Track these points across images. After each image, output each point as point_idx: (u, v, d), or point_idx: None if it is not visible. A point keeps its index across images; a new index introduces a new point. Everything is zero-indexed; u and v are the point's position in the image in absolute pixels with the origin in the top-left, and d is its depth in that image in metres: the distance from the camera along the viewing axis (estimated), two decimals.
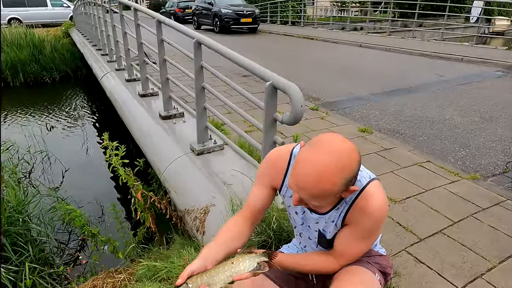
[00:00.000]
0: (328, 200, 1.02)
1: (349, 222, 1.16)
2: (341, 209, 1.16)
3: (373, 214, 1.10)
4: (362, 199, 1.11)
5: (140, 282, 2.08)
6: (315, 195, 0.98)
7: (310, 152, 0.97)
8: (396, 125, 4.36)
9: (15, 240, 2.90)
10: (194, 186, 2.65)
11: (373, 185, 1.13)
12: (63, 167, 5.16)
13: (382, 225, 1.16)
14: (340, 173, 0.94)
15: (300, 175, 0.97)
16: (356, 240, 1.17)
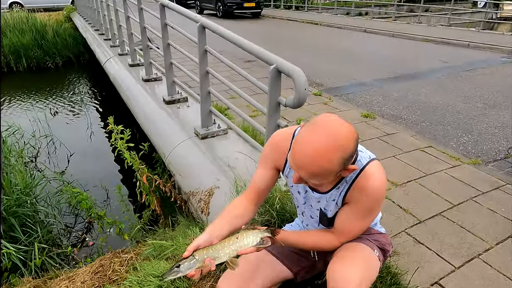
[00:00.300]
0: (328, 179, 1.05)
1: (349, 201, 1.20)
2: (342, 188, 1.20)
3: (372, 193, 1.14)
4: (362, 179, 1.15)
5: (148, 261, 2.15)
6: (313, 174, 1.01)
7: (308, 132, 1.00)
8: (399, 110, 4.37)
9: (23, 221, 2.98)
10: (199, 169, 2.70)
11: (373, 165, 1.17)
12: (68, 151, 5.22)
13: (381, 204, 1.19)
14: (337, 152, 0.97)
15: (298, 155, 1.00)
16: (355, 218, 1.21)
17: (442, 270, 1.82)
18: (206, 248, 1.08)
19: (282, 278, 1.44)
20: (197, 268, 1.04)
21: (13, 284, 2.53)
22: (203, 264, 1.05)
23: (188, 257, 1.05)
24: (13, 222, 2.82)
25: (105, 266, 2.51)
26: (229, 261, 1.07)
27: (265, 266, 1.41)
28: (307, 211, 1.37)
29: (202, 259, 1.05)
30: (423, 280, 1.75)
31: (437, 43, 8.97)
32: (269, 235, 1.14)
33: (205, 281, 1.73)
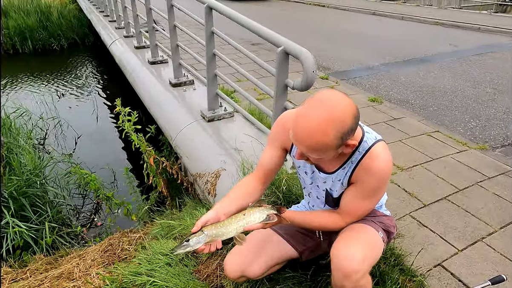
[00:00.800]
0: (327, 154, 1.04)
1: (355, 181, 1.21)
2: (347, 169, 1.21)
3: (378, 173, 1.15)
4: (368, 159, 1.16)
5: (156, 240, 2.20)
6: (311, 148, 1.02)
7: (306, 107, 1.02)
8: (406, 95, 4.32)
9: (34, 201, 3.05)
10: (205, 151, 2.72)
11: (379, 145, 1.18)
12: (76, 133, 5.26)
13: (386, 184, 1.20)
14: (332, 125, 0.97)
15: (296, 129, 1.02)
16: (361, 198, 1.22)
17: (446, 253, 1.85)
18: (215, 224, 1.11)
19: (288, 257, 1.47)
20: (205, 242, 1.08)
21: (25, 261, 2.62)
22: (211, 239, 1.08)
23: (196, 232, 1.08)
24: (24, 202, 2.89)
25: (114, 245, 2.58)
26: (237, 237, 1.11)
27: (271, 244, 1.44)
28: (314, 191, 1.38)
29: (211, 234, 1.08)
30: (426, 261, 1.77)
31: (447, 26, 8.77)
32: (275, 212, 1.18)
33: (213, 260, 1.77)
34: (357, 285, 1.11)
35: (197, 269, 1.76)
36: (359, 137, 1.18)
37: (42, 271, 2.44)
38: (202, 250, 1.09)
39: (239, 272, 1.38)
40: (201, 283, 1.62)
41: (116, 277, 1.81)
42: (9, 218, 2.65)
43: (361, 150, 1.18)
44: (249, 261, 1.38)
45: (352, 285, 1.11)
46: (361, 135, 1.19)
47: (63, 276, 2.26)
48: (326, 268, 1.62)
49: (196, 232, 1.08)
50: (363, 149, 1.18)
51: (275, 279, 1.55)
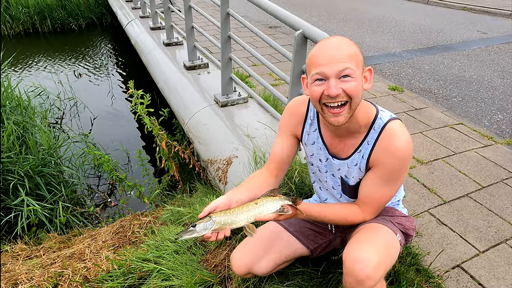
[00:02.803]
0: (358, 70, 1.01)
1: (373, 164, 1.13)
2: (364, 151, 1.14)
3: (397, 151, 1.07)
4: (385, 138, 1.09)
5: (165, 225, 2.19)
6: (345, 56, 0.99)
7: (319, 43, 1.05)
8: (429, 84, 4.13)
9: (48, 181, 3.08)
10: (218, 137, 2.67)
11: (395, 123, 1.10)
12: (92, 114, 5.29)
13: (407, 167, 1.11)
14: (346, 40, 1.03)
15: (322, 54, 1.01)
16: (381, 183, 1.14)
17: (466, 254, 1.75)
18: (224, 211, 1.05)
19: (298, 255, 1.41)
20: (213, 230, 1.01)
21: (40, 238, 2.67)
22: (220, 226, 1.01)
23: (204, 218, 1.02)
24: (39, 181, 2.92)
25: (125, 227, 2.59)
26: (247, 227, 1.03)
27: (281, 242, 1.38)
28: (329, 181, 1.30)
29: (219, 221, 1.01)
30: (445, 262, 1.69)
31: (475, 11, 8.32)
32: (290, 203, 1.09)
33: (221, 249, 1.74)
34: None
35: (205, 258, 1.73)
36: (372, 113, 1.12)
37: (55, 249, 2.48)
38: (208, 238, 1.03)
39: (246, 269, 1.33)
40: (208, 273, 1.58)
41: (124, 262, 1.80)
42: (24, 197, 2.69)
43: (376, 128, 1.11)
44: (257, 258, 1.33)
45: None
46: (375, 112, 1.12)
47: (74, 256, 2.28)
48: (338, 264, 1.56)
49: (204, 218, 1.02)
50: (378, 127, 1.10)
51: (284, 274, 1.50)
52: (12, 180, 2.77)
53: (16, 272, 2.13)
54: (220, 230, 1.03)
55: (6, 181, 2.79)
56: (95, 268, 1.98)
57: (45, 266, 2.17)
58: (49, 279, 1.91)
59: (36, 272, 2.05)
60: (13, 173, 2.80)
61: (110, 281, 1.72)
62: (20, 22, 9.19)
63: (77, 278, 1.90)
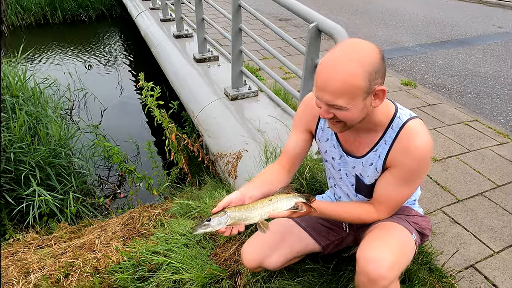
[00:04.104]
0: (356, 102, 0.95)
1: (391, 165, 1.10)
2: (380, 150, 1.10)
3: (416, 152, 1.03)
4: (404, 138, 1.05)
5: (174, 218, 2.19)
6: (337, 92, 0.93)
7: (327, 54, 0.97)
8: (443, 79, 4.04)
9: (59, 171, 3.11)
10: (227, 131, 2.65)
11: (415, 121, 1.06)
12: (102, 105, 5.32)
13: (427, 168, 1.07)
14: (357, 63, 0.91)
15: (320, 73, 0.95)
16: (398, 184, 1.10)
17: (479, 254, 1.72)
18: (239, 206, 1.04)
19: (309, 251, 1.40)
20: (227, 225, 1.01)
21: (51, 228, 2.70)
22: (234, 221, 1.01)
23: (219, 213, 1.02)
24: (49, 172, 2.95)
25: (134, 219, 2.60)
26: (260, 223, 1.03)
27: (292, 237, 1.37)
28: (344, 179, 1.27)
29: (234, 216, 1.01)
30: (458, 262, 1.66)
31: (491, 5, 8.10)
32: (304, 200, 1.08)
33: (231, 244, 1.73)
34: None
35: (215, 252, 1.72)
36: (391, 111, 1.08)
37: (66, 239, 2.50)
38: (222, 233, 1.02)
39: (256, 263, 1.32)
40: (218, 268, 1.58)
41: (134, 254, 1.81)
42: (35, 187, 2.72)
43: (395, 127, 1.07)
44: (268, 252, 1.32)
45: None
46: (393, 110, 1.08)
47: (85, 247, 2.30)
48: (349, 262, 1.54)
49: (219, 213, 1.02)
50: (396, 126, 1.06)
51: (294, 270, 1.49)
52: (23, 171, 2.80)
53: (28, 261, 2.16)
54: (234, 225, 1.02)
55: (18, 171, 2.83)
56: (105, 259, 2.00)
57: (56, 256, 2.20)
58: (60, 269, 1.93)
59: (47, 262, 2.08)
60: (24, 163, 2.83)
61: (120, 273, 1.73)
62: (32, 13, 9.24)
63: (87, 269, 1.92)
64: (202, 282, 1.46)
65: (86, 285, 1.71)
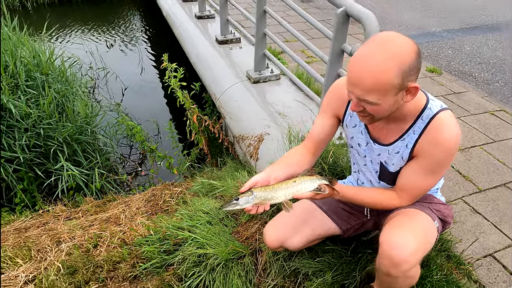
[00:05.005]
0: (387, 98, 0.96)
1: (418, 154, 1.11)
2: (408, 140, 1.11)
3: (445, 143, 1.04)
4: (433, 129, 1.06)
5: (196, 197, 2.27)
6: (369, 88, 0.94)
7: (361, 48, 0.96)
8: (470, 67, 3.93)
9: (85, 148, 3.23)
10: (249, 114, 2.68)
11: (445, 113, 1.06)
12: (123, 85, 5.40)
13: (453, 158, 1.09)
14: (390, 59, 0.91)
15: (352, 68, 0.96)
16: (423, 173, 1.12)
17: (499, 243, 1.73)
18: (264, 187, 1.09)
19: (330, 234, 1.44)
20: (254, 203, 1.07)
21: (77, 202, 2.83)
22: (260, 201, 1.07)
23: (246, 192, 1.07)
24: (76, 148, 3.07)
25: (156, 196, 2.70)
26: (285, 203, 1.08)
27: (314, 220, 1.41)
28: (368, 165, 1.29)
29: (260, 196, 1.07)
30: (476, 251, 1.68)
31: None
32: (327, 183, 1.13)
33: (252, 223, 1.79)
34: (405, 276, 1.05)
35: (236, 230, 1.79)
36: (422, 102, 1.08)
37: (92, 213, 2.62)
38: (249, 211, 1.08)
39: (278, 243, 1.38)
40: (241, 245, 1.65)
41: (160, 228, 1.90)
42: (63, 162, 2.84)
43: (425, 118, 1.08)
44: (290, 233, 1.37)
45: (400, 274, 1.04)
46: (425, 101, 1.09)
47: (110, 220, 2.41)
48: (367, 245, 1.58)
49: (246, 192, 1.07)
50: (427, 117, 1.07)
51: (314, 251, 1.54)
52: (52, 146, 2.92)
53: (59, 231, 2.28)
54: (260, 205, 1.07)
55: (47, 146, 2.95)
56: (131, 233, 2.10)
57: (85, 228, 2.31)
58: (89, 239, 2.04)
59: (77, 232, 2.19)
60: (53, 139, 2.95)
61: (147, 245, 1.82)
62: None
63: (115, 241, 2.02)
64: (226, 257, 1.54)
65: (115, 255, 1.81)
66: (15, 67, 3.07)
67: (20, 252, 2.00)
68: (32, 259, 1.99)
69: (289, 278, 1.51)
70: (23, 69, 3.08)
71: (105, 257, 1.83)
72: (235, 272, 1.51)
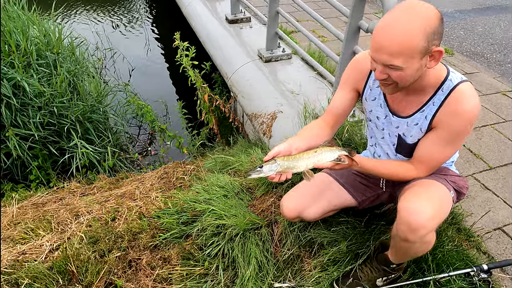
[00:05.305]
0: (412, 62, 0.97)
1: (437, 125, 1.14)
2: (428, 111, 1.14)
3: (464, 114, 1.07)
4: (453, 100, 1.08)
5: (210, 173, 2.31)
6: (394, 52, 0.96)
7: (384, 17, 0.99)
8: (482, 47, 3.89)
9: (97, 127, 3.27)
10: (262, 93, 2.70)
11: (466, 85, 1.09)
12: (130, 65, 5.39)
13: (470, 129, 1.11)
14: (414, 23, 0.94)
15: (377, 33, 0.98)
16: (441, 144, 1.15)
17: (508, 218, 1.77)
18: (287, 156, 1.14)
19: (345, 205, 1.49)
20: (277, 171, 1.11)
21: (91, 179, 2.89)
22: (283, 169, 1.11)
23: (269, 161, 1.12)
24: (88, 126, 3.11)
25: (169, 174, 2.74)
26: (306, 172, 1.13)
27: (330, 191, 1.46)
28: (386, 138, 1.32)
29: (283, 165, 1.11)
30: (485, 224, 1.72)
31: None
32: (346, 153, 1.17)
33: (268, 196, 1.84)
34: (422, 241, 1.09)
35: (252, 204, 1.85)
36: (443, 74, 1.10)
37: (106, 189, 2.68)
38: (272, 179, 1.12)
39: (296, 213, 1.42)
40: (257, 217, 1.70)
41: (178, 202, 1.95)
42: (77, 140, 2.89)
43: (445, 89, 1.10)
44: (307, 204, 1.42)
45: (417, 239, 1.08)
46: (445, 73, 1.11)
47: (126, 196, 2.46)
48: (380, 217, 1.63)
49: (269, 161, 1.12)
50: (447, 88, 1.09)
51: (329, 222, 1.59)
52: (65, 124, 2.96)
53: (76, 205, 2.34)
54: (283, 173, 1.12)
55: (60, 124, 2.99)
56: (148, 206, 2.15)
57: (101, 203, 2.37)
58: (107, 213, 2.10)
59: (94, 207, 2.25)
60: (66, 117, 2.99)
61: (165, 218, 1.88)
62: None
63: (132, 214, 2.08)
64: (244, 227, 1.59)
65: (135, 226, 1.87)
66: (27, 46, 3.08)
67: (41, 225, 2.07)
68: (53, 231, 2.05)
69: (304, 247, 1.57)
70: (34, 48, 3.10)
71: (125, 229, 1.89)
72: (252, 241, 1.56)
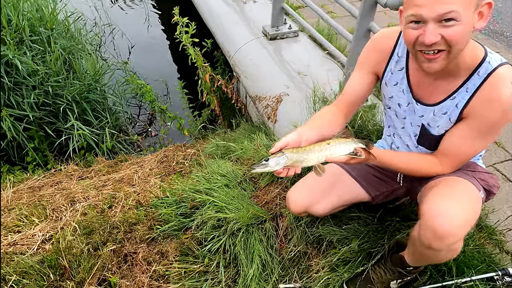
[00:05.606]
0: (469, 7, 0.83)
1: (468, 115, 0.99)
2: (459, 99, 0.99)
3: (501, 102, 0.92)
4: (490, 84, 0.94)
5: (211, 159, 2.19)
6: None
7: None
8: (502, 26, 3.66)
9: (94, 107, 3.14)
10: (266, 73, 2.53)
11: (506, 67, 0.94)
12: (129, 42, 5.18)
13: (508, 120, 0.96)
14: None
15: None
16: (471, 137, 1.01)
17: None
18: (296, 148, 1.00)
19: (358, 200, 1.36)
20: (284, 165, 0.98)
21: (89, 162, 2.79)
22: (291, 163, 0.98)
23: (277, 153, 0.99)
24: (85, 106, 2.98)
25: (169, 157, 2.64)
26: (317, 166, 1.00)
27: (341, 185, 1.33)
28: (407, 128, 1.18)
29: (291, 158, 0.98)
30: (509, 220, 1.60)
31: None
32: (364, 146, 1.03)
33: (272, 187, 1.72)
34: (449, 249, 0.96)
35: (256, 195, 1.73)
36: (480, 55, 0.95)
37: (104, 173, 2.58)
38: (279, 174, 1.00)
39: (303, 208, 1.31)
40: (261, 210, 1.59)
41: (176, 191, 1.84)
42: (73, 121, 2.76)
43: (482, 73, 0.95)
44: (316, 199, 1.30)
45: (444, 247, 0.95)
46: (483, 54, 0.95)
47: (124, 181, 2.37)
48: (394, 212, 1.51)
49: (276, 153, 0.98)
50: (484, 72, 0.94)
51: (338, 217, 1.48)
52: (61, 104, 2.83)
53: (72, 190, 2.25)
54: (291, 167, 0.99)
55: (56, 105, 2.86)
56: (145, 193, 2.05)
57: (98, 188, 2.27)
58: (104, 200, 2.01)
59: (90, 192, 2.16)
60: (61, 97, 2.85)
61: (163, 208, 1.78)
62: None
63: (130, 202, 1.98)
64: (247, 222, 1.48)
65: (131, 216, 1.78)
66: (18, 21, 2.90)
67: (36, 211, 1.98)
68: (47, 218, 1.97)
69: (311, 244, 1.46)
70: (26, 23, 2.92)
71: (121, 219, 1.79)
72: (256, 237, 1.46)
